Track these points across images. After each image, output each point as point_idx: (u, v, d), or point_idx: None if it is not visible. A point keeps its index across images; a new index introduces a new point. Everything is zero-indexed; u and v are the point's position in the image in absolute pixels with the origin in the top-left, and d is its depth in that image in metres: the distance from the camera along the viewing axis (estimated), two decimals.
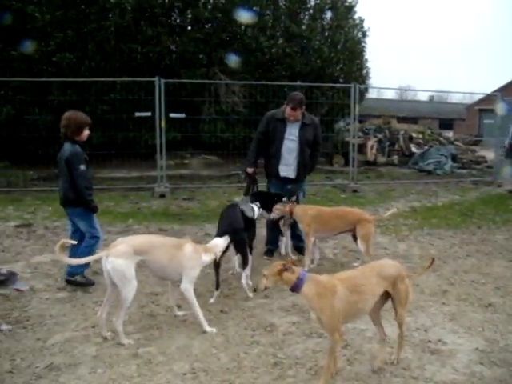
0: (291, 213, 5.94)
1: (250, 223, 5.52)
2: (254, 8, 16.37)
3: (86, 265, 5.13)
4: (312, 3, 17.63)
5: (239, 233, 5.00)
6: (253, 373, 3.55)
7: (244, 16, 15.08)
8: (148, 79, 11.99)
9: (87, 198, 5.11)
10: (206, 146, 14.61)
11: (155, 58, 14.76)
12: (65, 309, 4.68)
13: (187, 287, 4.17)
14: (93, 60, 14.15)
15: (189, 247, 4.23)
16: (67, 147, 5.10)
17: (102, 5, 14.51)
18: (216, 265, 4.78)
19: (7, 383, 3.39)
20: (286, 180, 6.40)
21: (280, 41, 16.00)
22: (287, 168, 6.34)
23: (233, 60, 15.09)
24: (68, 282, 5.26)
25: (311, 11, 17.42)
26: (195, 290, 4.34)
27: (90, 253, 4.90)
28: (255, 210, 5.70)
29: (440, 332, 4.27)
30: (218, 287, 4.97)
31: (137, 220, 8.42)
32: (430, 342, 4.07)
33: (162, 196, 10.85)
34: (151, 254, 4.05)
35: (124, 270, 3.87)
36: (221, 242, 4.61)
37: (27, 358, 3.73)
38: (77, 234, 5.29)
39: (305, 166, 6.39)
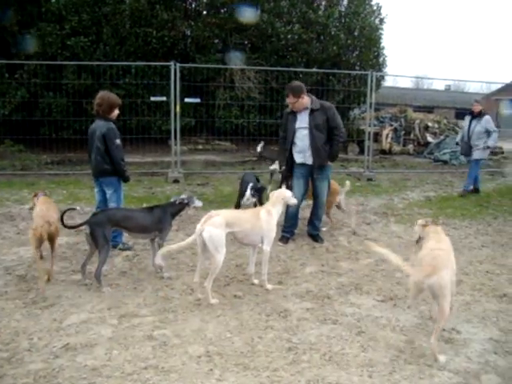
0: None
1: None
2: None
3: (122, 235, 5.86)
4: None
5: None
6: (267, 357, 3.56)
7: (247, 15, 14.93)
8: (163, 63, 11.99)
9: (123, 169, 5.71)
10: (220, 132, 14.60)
11: (170, 43, 14.69)
12: (80, 291, 4.72)
13: (268, 249, 4.87)
14: (107, 44, 14.11)
15: (263, 213, 4.90)
16: (101, 123, 5.66)
17: None
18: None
19: (26, 361, 3.44)
20: (305, 167, 6.39)
21: (296, 27, 15.77)
22: (303, 155, 6.34)
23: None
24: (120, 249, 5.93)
25: None
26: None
27: None
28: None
29: (454, 321, 4.24)
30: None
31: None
32: (444, 330, 4.05)
33: (176, 181, 10.86)
34: (238, 225, 4.68)
35: (219, 238, 4.43)
36: (283, 190, 5.47)
37: (44, 337, 3.77)
38: (102, 205, 5.87)
39: (318, 151, 6.22)
